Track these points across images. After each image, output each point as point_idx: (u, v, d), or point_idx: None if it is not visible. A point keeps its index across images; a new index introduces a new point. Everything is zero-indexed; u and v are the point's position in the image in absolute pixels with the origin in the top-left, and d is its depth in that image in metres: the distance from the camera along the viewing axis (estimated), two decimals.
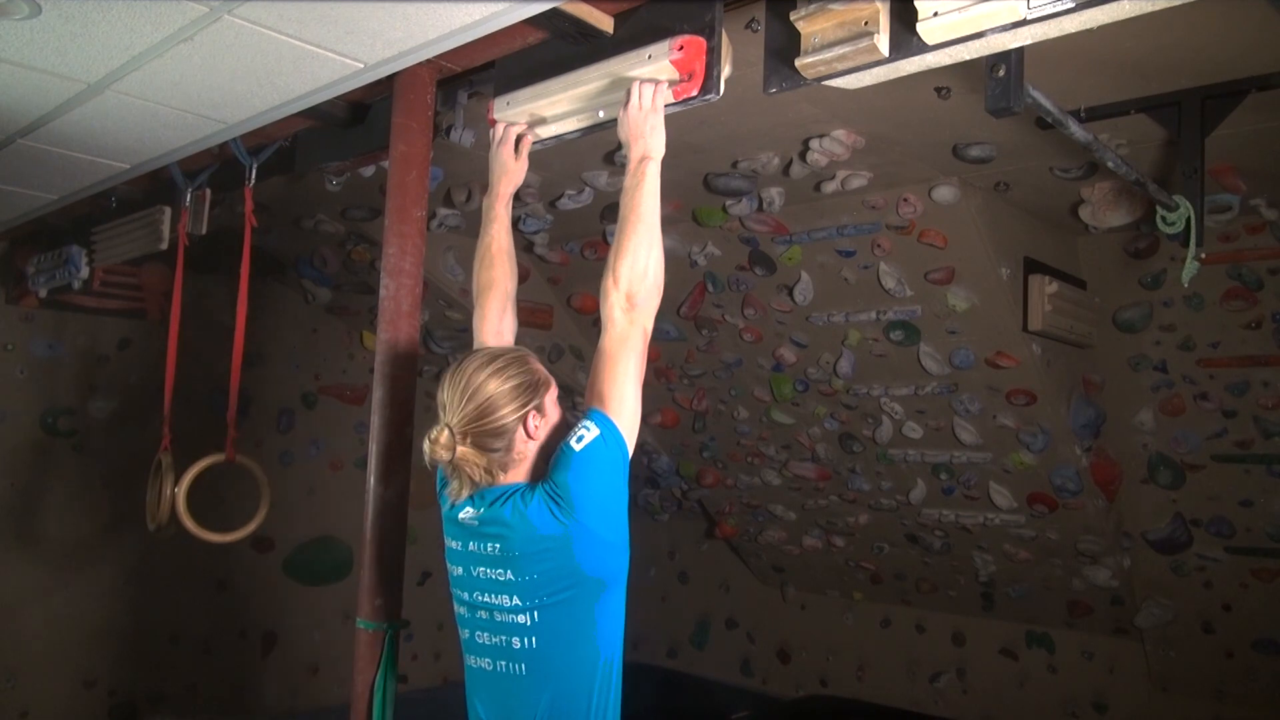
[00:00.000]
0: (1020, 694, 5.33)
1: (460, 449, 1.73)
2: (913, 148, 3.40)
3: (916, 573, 5.52)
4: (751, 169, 3.66)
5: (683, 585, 6.97)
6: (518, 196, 4.12)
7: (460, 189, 4.04)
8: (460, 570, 1.82)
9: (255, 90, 2.39)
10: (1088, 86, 2.84)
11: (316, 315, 5.76)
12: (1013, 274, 3.89)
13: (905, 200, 3.76)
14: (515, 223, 4.45)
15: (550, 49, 2.26)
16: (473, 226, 4.55)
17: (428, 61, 2.29)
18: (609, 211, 4.24)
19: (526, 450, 1.80)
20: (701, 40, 2.03)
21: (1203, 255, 2.87)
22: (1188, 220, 2.84)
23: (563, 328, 5.36)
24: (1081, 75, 2.75)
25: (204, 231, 3.34)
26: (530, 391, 1.80)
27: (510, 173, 2.44)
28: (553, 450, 1.80)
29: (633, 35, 2.13)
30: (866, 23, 1.81)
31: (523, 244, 4.89)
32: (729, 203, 3.99)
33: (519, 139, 2.37)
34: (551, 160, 3.65)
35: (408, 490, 2.31)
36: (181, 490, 3.07)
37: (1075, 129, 2.32)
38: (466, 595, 1.82)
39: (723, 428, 5.44)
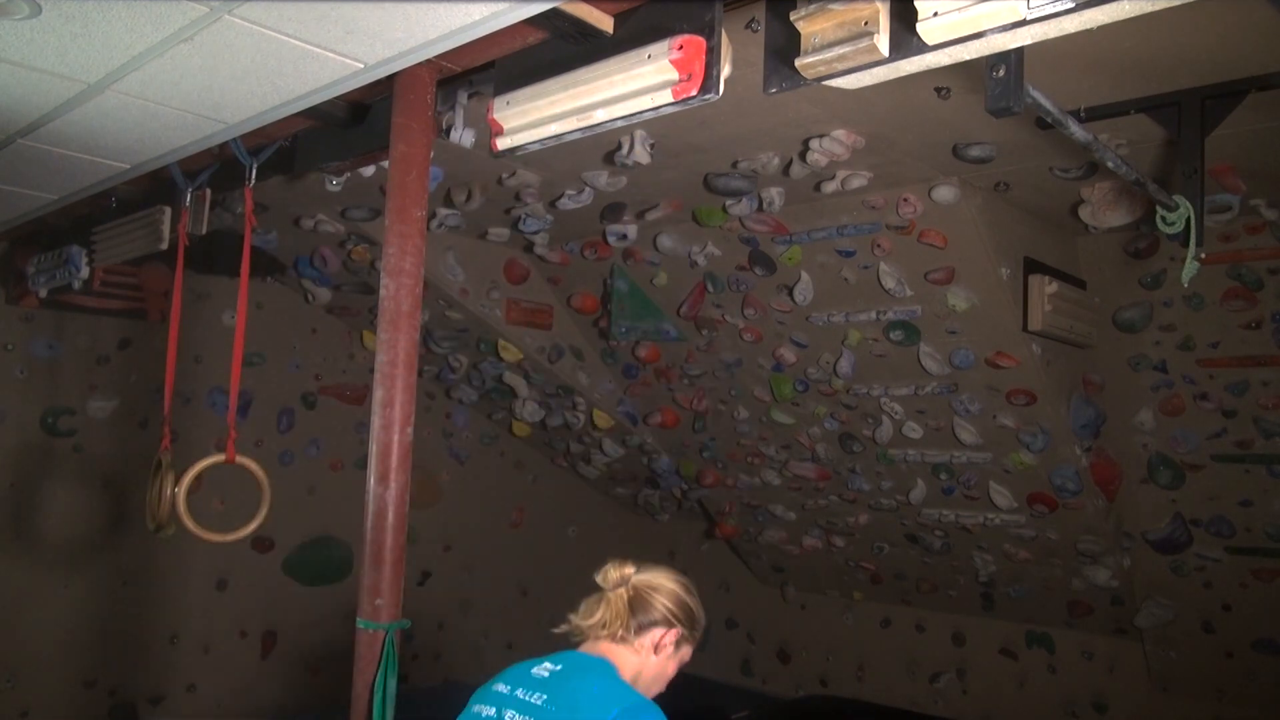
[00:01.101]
0: (1020, 694, 5.33)
1: (620, 590, 1.94)
2: (913, 148, 3.40)
3: (916, 573, 5.52)
4: (751, 169, 3.66)
5: None
6: (517, 196, 4.14)
7: (460, 189, 4.04)
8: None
9: (255, 90, 2.39)
10: (1088, 86, 2.84)
11: (316, 315, 5.76)
12: (1013, 274, 3.89)
13: (905, 200, 3.76)
14: (515, 223, 4.46)
15: (550, 49, 2.26)
16: (473, 226, 4.58)
17: (428, 61, 2.29)
18: (609, 212, 4.24)
19: (642, 652, 1.92)
20: (701, 40, 2.03)
21: (1203, 255, 2.87)
22: (1188, 220, 2.84)
23: (563, 328, 5.36)
24: (1081, 75, 2.75)
25: (204, 231, 3.33)
26: (689, 623, 1.98)
27: None
28: (643, 681, 1.93)
29: (632, 35, 2.13)
30: (866, 23, 1.81)
31: (523, 244, 4.90)
32: (729, 203, 3.99)
33: None
34: (551, 160, 3.66)
35: (408, 490, 2.31)
36: (181, 490, 3.07)
37: (1075, 129, 2.32)
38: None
39: (723, 428, 5.44)
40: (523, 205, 4.24)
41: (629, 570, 1.97)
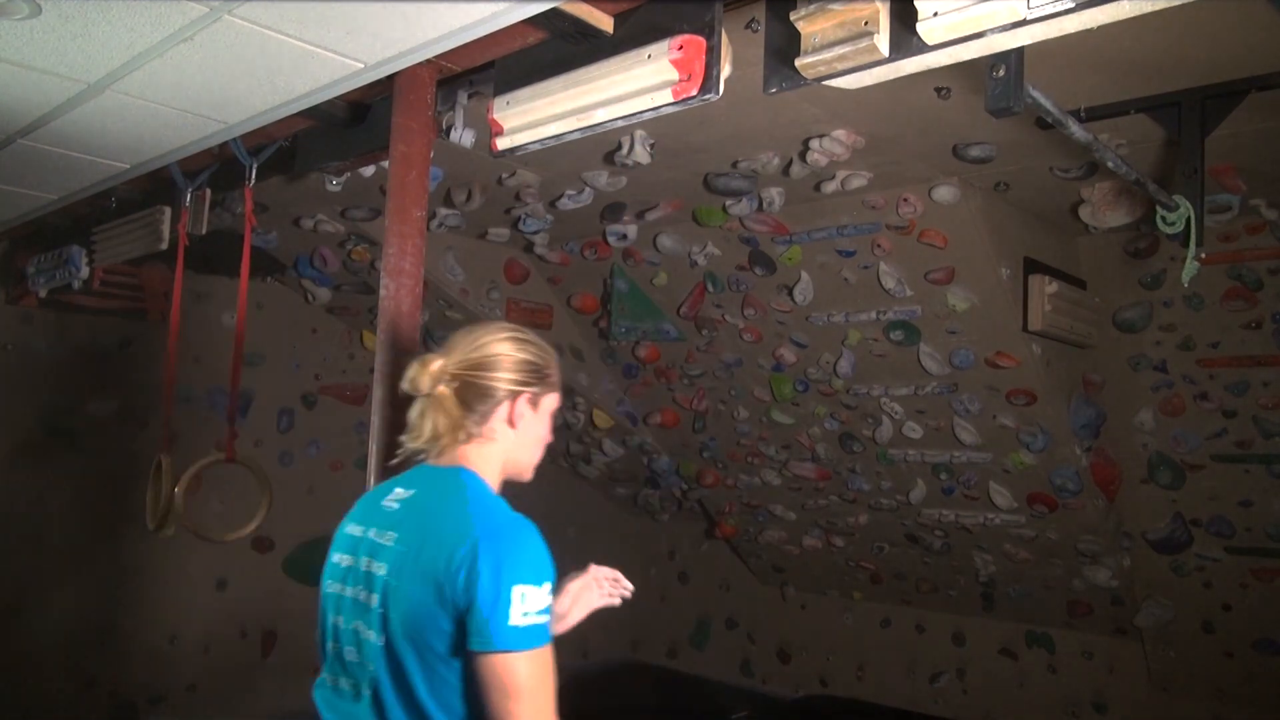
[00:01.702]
0: (1020, 694, 5.33)
1: (443, 388, 1.61)
2: (913, 148, 3.40)
3: (916, 573, 5.52)
4: (751, 169, 3.66)
5: (683, 585, 6.97)
6: (517, 196, 4.14)
7: (460, 189, 4.04)
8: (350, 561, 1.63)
9: (255, 90, 2.39)
10: (1088, 86, 2.84)
11: (316, 315, 5.76)
12: (1013, 274, 3.89)
13: (905, 200, 3.76)
14: (515, 223, 4.46)
15: (550, 49, 2.26)
16: (473, 226, 4.58)
17: (428, 61, 2.29)
18: (609, 212, 4.24)
19: (498, 435, 1.63)
20: (701, 40, 2.03)
21: (1203, 255, 2.87)
22: (1188, 220, 2.84)
23: (563, 328, 5.36)
24: (1081, 75, 2.75)
25: (204, 231, 3.33)
26: (536, 376, 1.66)
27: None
28: (515, 468, 1.68)
29: (632, 35, 2.13)
30: (866, 23, 1.81)
31: (523, 244, 4.89)
32: (729, 203, 3.98)
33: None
34: (551, 160, 3.66)
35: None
36: (181, 490, 3.07)
37: (1075, 129, 2.32)
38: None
39: (723, 428, 5.44)
40: (523, 205, 4.24)
41: (437, 364, 1.61)
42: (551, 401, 1.71)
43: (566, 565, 6.53)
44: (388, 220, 2.36)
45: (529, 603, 1.40)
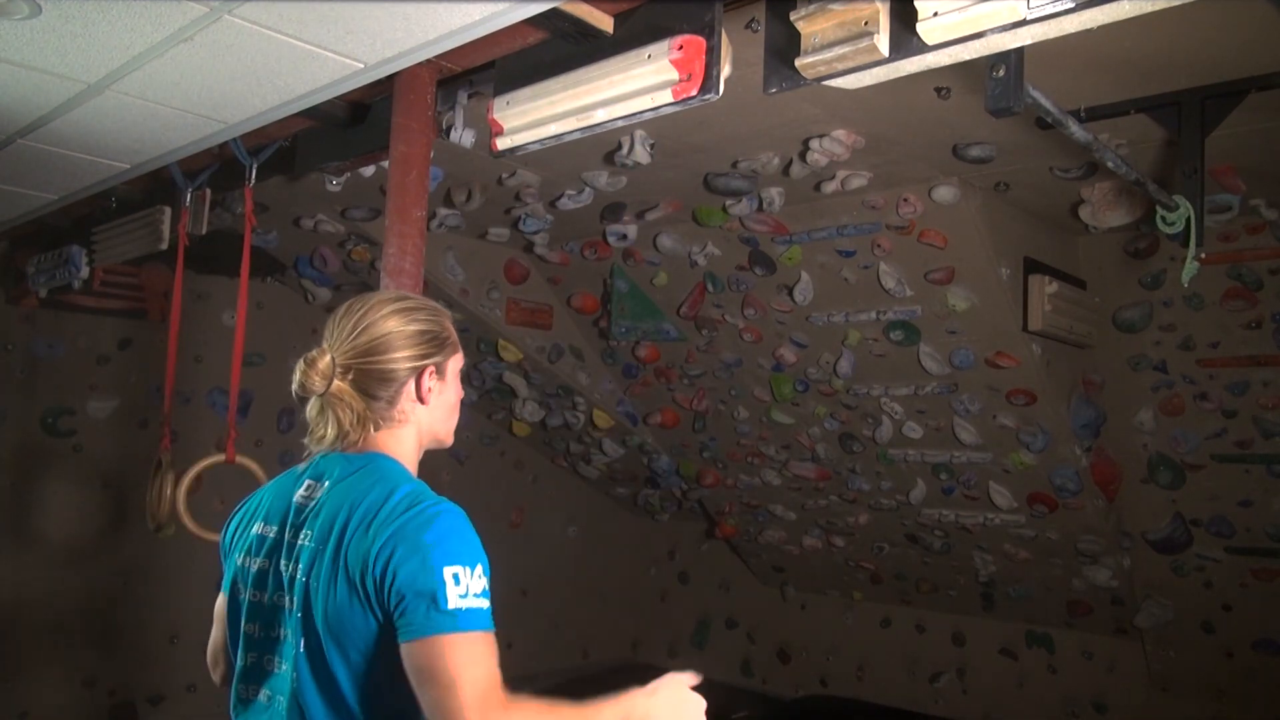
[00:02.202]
0: (1020, 694, 5.33)
1: (338, 383, 1.47)
2: (913, 148, 3.40)
3: (916, 573, 5.52)
4: (751, 169, 3.66)
5: (683, 585, 6.97)
6: (517, 196, 4.14)
7: (460, 189, 4.04)
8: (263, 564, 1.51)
9: (255, 90, 2.39)
10: (1088, 86, 2.84)
11: (316, 315, 5.75)
12: (1013, 274, 3.89)
13: (905, 200, 3.76)
14: (515, 223, 4.46)
15: (550, 49, 2.26)
16: (473, 226, 4.57)
17: (428, 61, 2.29)
18: (609, 212, 4.24)
19: (411, 414, 1.53)
20: (701, 40, 2.03)
21: (1202, 255, 2.87)
22: (1188, 220, 2.84)
23: (563, 328, 5.36)
24: (1081, 75, 2.75)
25: (204, 231, 3.33)
26: (434, 345, 1.54)
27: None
28: (434, 440, 1.58)
29: (632, 35, 2.13)
30: (866, 23, 1.81)
31: (523, 244, 4.89)
32: (729, 203, 3.99)
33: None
34: (551, 160, 3.65)
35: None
36: (181, 490, 3.07)
37: (1075, 129, 2.32)
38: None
39: (723, 428, 5.44)
40: (523, 205, 4.24)
41: (324, 359, 1.48)
42: (456, 363, 1.60)
43: (567, 565, 6.50)
44: (388, 220, 2.36)
45: (463, 584, 1.31)
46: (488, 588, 1.35)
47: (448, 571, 1.31)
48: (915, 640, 5.79)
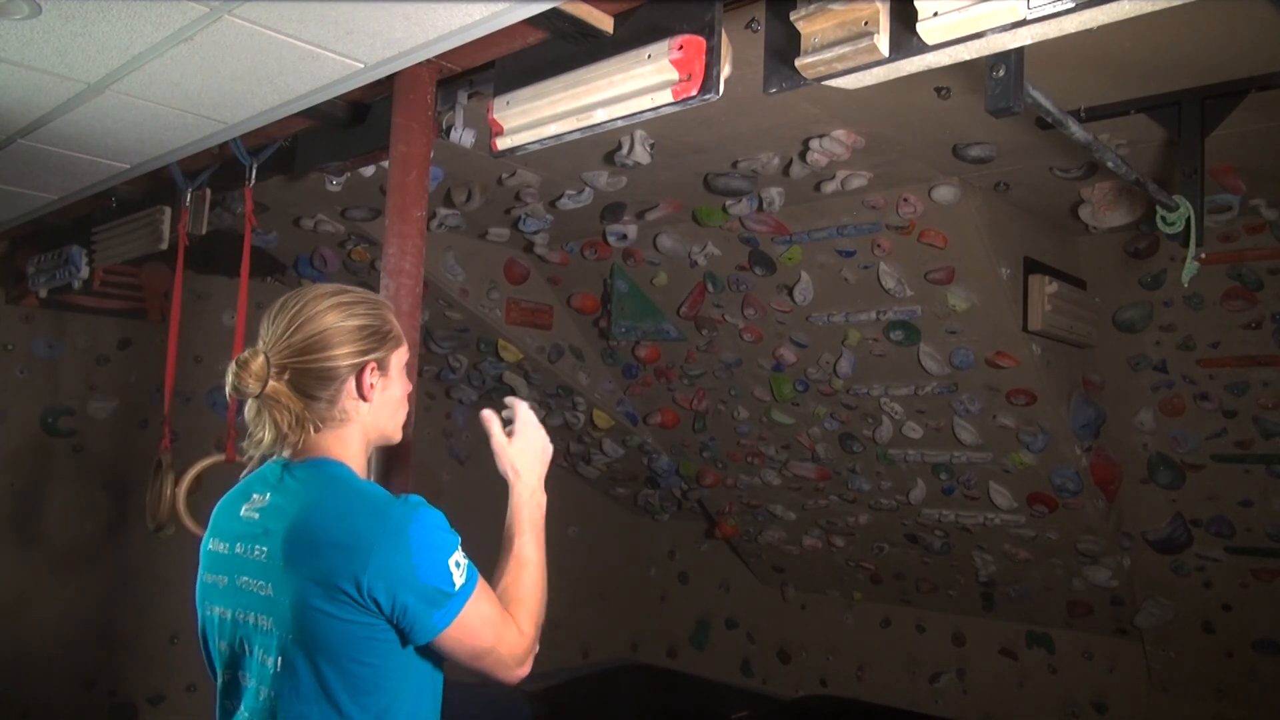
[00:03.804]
0: (1020, 694, 5.33)
1: (273, 384, 1.42)
2: (913, 148, 3.40)
3: (916, 573, 5.52)
4: (751, 169, 3.66)
5: (683, 585, 6.97)
6: (517, 196, 4.14)
7: (460, 189, 4.04)
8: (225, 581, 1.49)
9: (255, 90, 2.39)
10: (1088, 86, 2.84)
11: None
12: (1013, 274, 3.89)
13: (905, 200, 3.76)
14: (515, 223, 4.46)
15: (550, 49, 2.26)
16: (473, 226, 4.57)
17: (428, 61, 2.29)
18: (609, 212, 4.24)
19: (354, 413, 1.48)
20: (701, 40, 2.03)
21: (1202, 255, 2.87)
22: (1188, 220, 2.84)
23: (563, 328, 5.36)
24: (1081, 75, 2.75)
25: (204, 231, 3.33)
26: (375, 340, 1.49)
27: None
28: (380, 437, 1.56)
29: (632, 35, 2.13)
30: (866, 23, 1.81)
31: (523, 244, 4.90)
32: (729, 203, 3.99)
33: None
34: (551, 160, 3.66)
35: (408, 488, 2.31)
36: (181, 490, 3.07)
37: (1075, 129, 2.32)
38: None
39: (723, 428, 5.44)
40: (523, 205, 4.24)
41: (258, 359, 1.42)
42: (401, 357, 1.56)
43: (567, 565, 6.53)
44: (388, 220, 2.36)
45: (459, 563, 1.41)
46: (469, 560, 1.44)
47: (450, 562, 1.40)
48: (915, 640, 5.79)
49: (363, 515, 1.37)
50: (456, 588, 1.39)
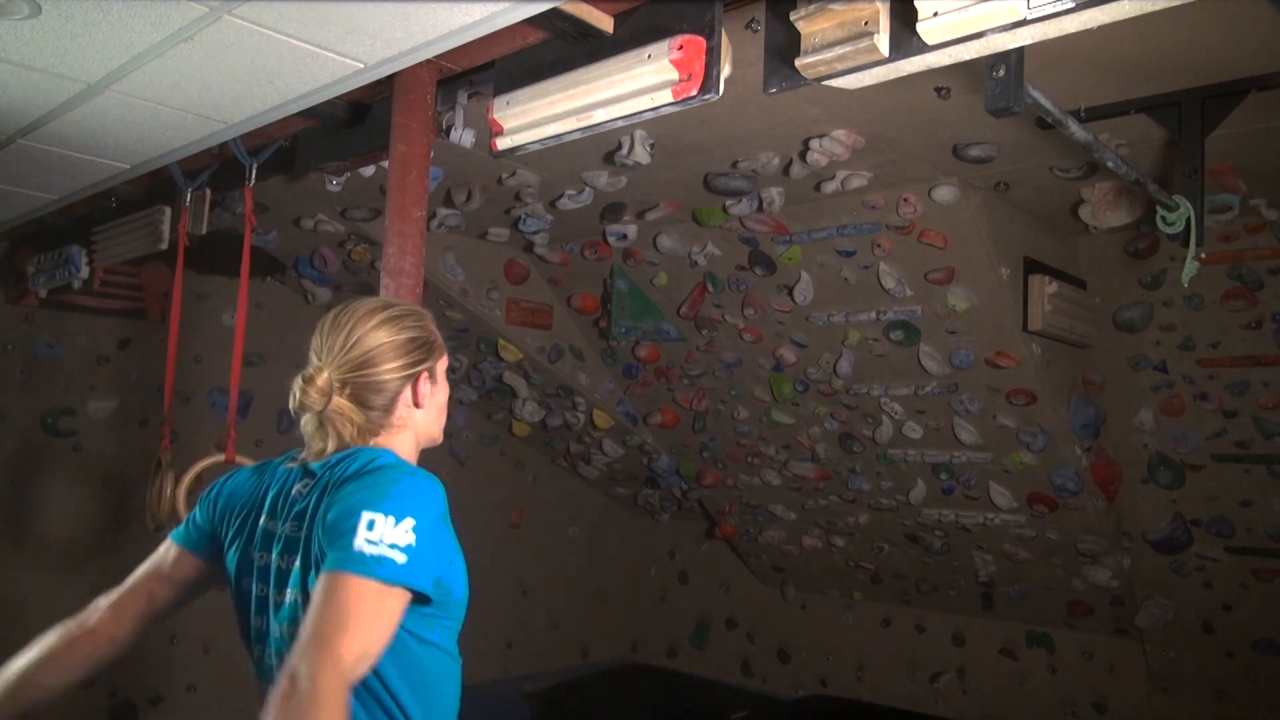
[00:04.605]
0: (1020, 694, 5.33)
1: (337, 399, 1.49)
2: (913, 148, 3.40)
3: (916, 573, 5.52)
4: (751, 169, 3.66)
5: (683, 585, 6.97)
6: (517, 196, 4.14)
7: (460, 189, 4.04)
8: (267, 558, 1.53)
9: (255, 90, 2.39)
10: (1088, 86, 2.84)
11: (316, 315, 5.73)
12: (1013, 274, 3.89)
13: (905, 200, 3.76)
14: (515, 223, 4.46)
15: (550, 49, 2.26)
16: (473, 226, 4.57)
17: (428, 61, 2.29)
18: (609, 212, 4.24)
19: (406, 420, 1.56)
20: (701, 40, 2.03)
21: (1203, 255, 2.87)
22: (1188, 220, 2.84)
23: (563, 328, 5.37)
24: (1081, 75, 2.75)
25: (204, 231, 3.33)
26: (424, 350, 1.57)
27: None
28: (428, 439, 1.62)
29: (632, 35, 2.13)
30: (866, 23, 1.81)
31: (523, 244, 4.90)
32: (729, 203, 3.99)
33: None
34: (551, 160, 3.66)
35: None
36: (181, 490, 3.07)
37: (1075, 129, 2.32)
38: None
39: (723, 428, 5.44)
40: (523, 205, 4.24)
41: (322, 376, 1.49)
42: (443, 364, 1.65)
43: (567, 565, 6.52)
44: (388, 220, 2.36)
45: (379, 530, 1.31)
46: (414, 544, 1.33)
47: (365, 515, 1.33)
48: (915, 640, 5.79)
49: (366, 469, 1.44)
50: (354, 547, 1.29)
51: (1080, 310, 4.14)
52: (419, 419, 1.59)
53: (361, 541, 1.30)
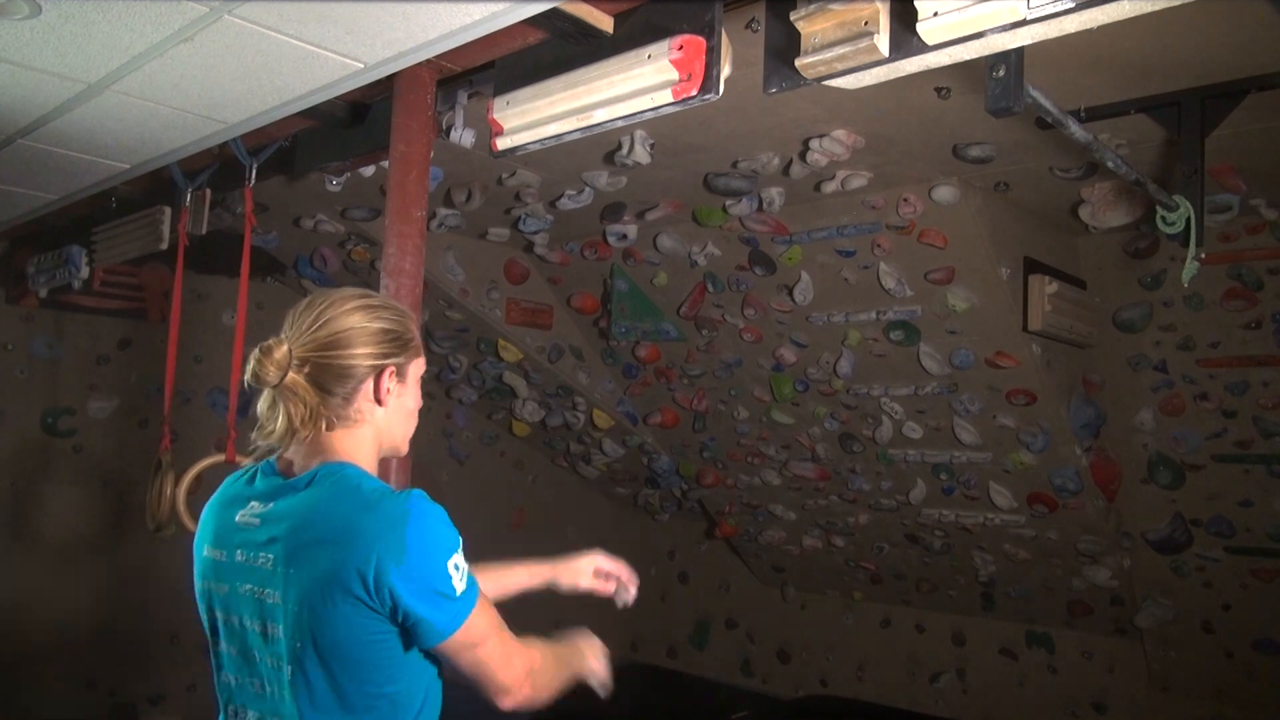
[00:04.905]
0: (1020, 694, 5.33)
1: (293, 375, 1.42)
2: (913, 148, 3.40)
3: (916, 573, 5.52)
4: (751, 169, 3.66)
5: (683, 585, 6.96)
6: (517, 196, 4.14)
7: (460, 189, 4.04)
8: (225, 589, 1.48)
9: (255, 90, 2.39)
10: (1088, 86, 2.84)
11: None
12: (1013, 274, 3.89)
13: (905, 200, 3.76)
14: (515, 223, 4.46)
15: (550, 49, 2.26)
16: (473, 226, 4.58)
17: (428, 61, 2.29)
18: (609, 212, 4.24)
19: (366, 415, 1.48)
20: (701, 40, 2.03)
21: (1203, 255, 2.87)
22: (1188, 220, 2.84)
23: (563, 328, 5.37)
24: (1081, 75, 2.75)
25: (204, 231, 3.33)
26: (397, 345, 1.50)
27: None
28: (390, 446, 1.56)
29: (632, 35, 2.13)
30: (866, 23, 1.81)
31: (523, 244, 4.90)
32: (729, 203, 3.99)
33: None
34: (551, 160, 3.66)
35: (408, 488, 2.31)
36: (181, 490, 3.07)
37: (1075, 129, 2.32)
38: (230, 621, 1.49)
39: (723, 428, 5.44)
40: (523, 205, 4.24)
41: (281, 350, 1.42)
42: (418, 368, 1.57)
43: None
44: (388, 220, 2.36)
45: (459, 567, 1.39)
46: (467, 564, 1.42)
47: (449, 565, 1.37)
48: (915, 640, 5.79)
49: (357, 510, 1.36)
50: (458, 593, 1.37)
51: (1080, 310, 4.13)
52: (380, 419, 1.50)
53: (459, 584, 1.38)
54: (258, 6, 1.94)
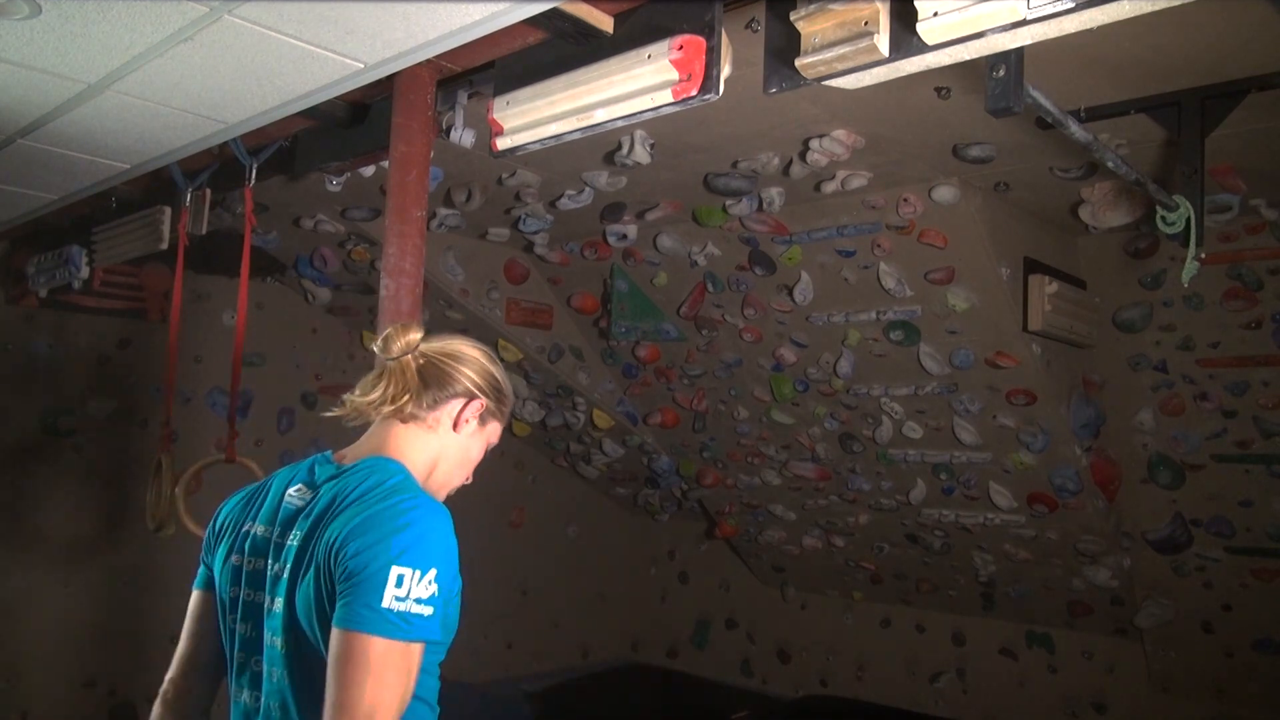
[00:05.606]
0: (1020, 694, 5.33)
1: (409, 358, 1.57)
2: (913, 148, 3.40)
3: (916, 573, 5.52)
4: (751, 169, 3.66)
5: (683, 585, 6.97)
6: (517, 196, 4.14)
7: (460, 189, 4.04)
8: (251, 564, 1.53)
9: (255, 90, 2.39)
10: (1088, 86, 2.84)
11: (316, 315, 5.75)
12: (1013, 274, 3.89)
13: (905, 200, 3.76)
14: (515, 223, 4.46)
15: (550, 49, 2.26)
16: (473, 226, 4.58)
17: (428, 61, 2.29)
18: (609, 212, 4.24)
19: (439, 429, 1.58)
20: (701, 40, 2.03)
21: (1202, 255, 2.87)
22: (1188, 220, 2.84)
23: (563, 328, 5.37)
24: (1081, 75, 2.75)
25: (204, 231, 3.33)
26: (496, 394, 1.64)
27: None
28: (441, 476, 1.61)
29: (632, 35, 2.13)
30: (866, 23, 1.81)
31: (523, 244, 4.90)
32: (729, 203, 3.99)
33: None
34: (551, 160, 3.66)
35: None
36: (181, 490, 3.07)
37: (1075, 129, 2.32)
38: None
39: (723, 428, 5.44)
40: (523, 205, 4.24)
41: (414, 335, 1.59)
42: (495, 430, 1.68)
43: (567, 565, 6.51)
44: (388, 220, 2.36)
45: (406, 586, 1.30)
46: (437, 595, 1.34)
47: (395, 570, 1.31)
48: (915, 640, 5.79)
49: (376, 498, 1.42)
50: (383, 605, 1.28)
51: (1080, 310, 4.14)
52: (447, 442, 1.60)
53: (390, 599, 1.29)
54: (258, 6, 1.94)
